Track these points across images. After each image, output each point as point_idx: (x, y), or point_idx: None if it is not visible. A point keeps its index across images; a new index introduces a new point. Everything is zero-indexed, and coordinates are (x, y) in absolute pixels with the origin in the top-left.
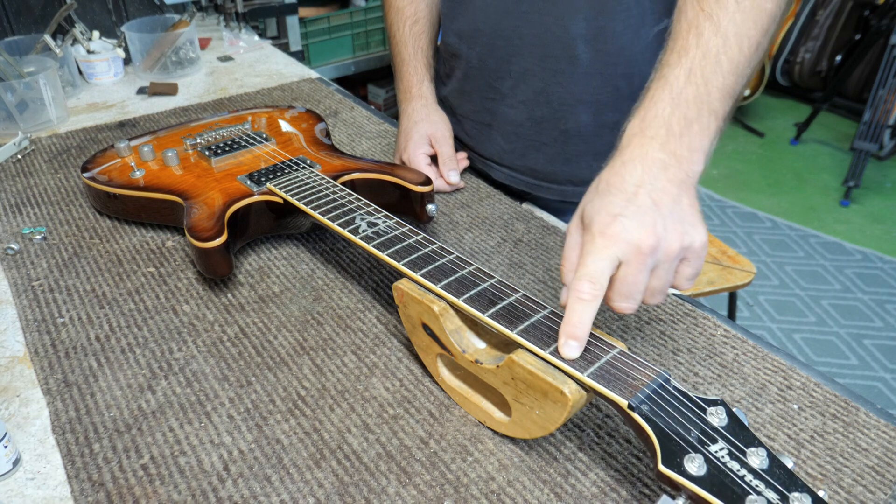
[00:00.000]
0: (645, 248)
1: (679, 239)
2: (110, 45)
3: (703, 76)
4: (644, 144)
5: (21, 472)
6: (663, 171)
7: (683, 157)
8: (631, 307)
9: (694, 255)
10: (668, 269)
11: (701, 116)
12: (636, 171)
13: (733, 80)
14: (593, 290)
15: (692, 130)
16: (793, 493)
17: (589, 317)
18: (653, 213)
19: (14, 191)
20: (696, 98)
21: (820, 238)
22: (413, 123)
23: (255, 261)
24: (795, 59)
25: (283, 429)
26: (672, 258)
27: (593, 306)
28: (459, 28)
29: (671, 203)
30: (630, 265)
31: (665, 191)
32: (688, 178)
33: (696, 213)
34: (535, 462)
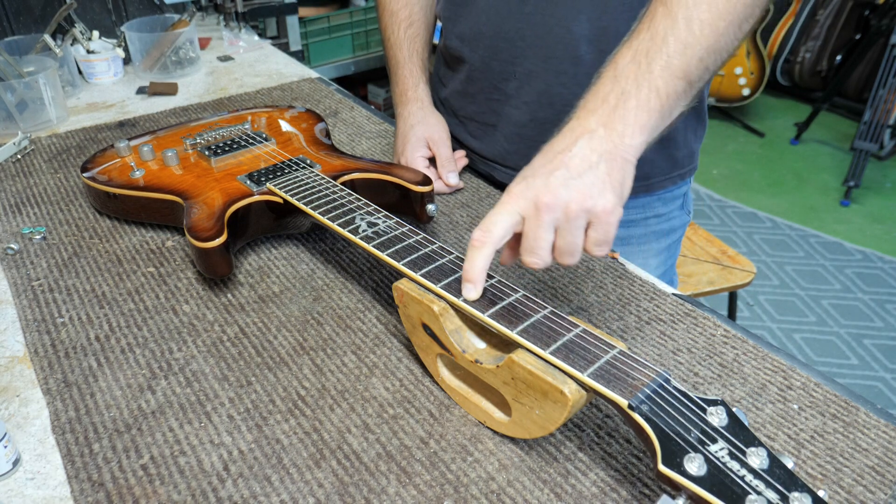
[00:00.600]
0: (541, 205)
1: (580, 201)
2: (110, 44)
3: (648, 56)
4: (581, 117)
5: (21, 472)
6: (588, 140)
7: (615, 130)
8: (537, 263)
9: (597, 220)
10: (569, 229)
11: (640, 92)
12: (565, 140)
13: (681, 61)
14: (483, 237)
15: (628, 105)
16: (793, 493)
17: (479, 261)
18: (560, 174)
19: (14, 191)
20: (636, 75)
21: (820, 238)
22: (410, 127)
23: (255, 261)
24: (795, 58)
25: (283, 429)
26: (571, 219)
27: (483, 252)
28: (461, 31)
29: (585, 168)
30: (529, 221)
31: (583, 157)
32: (615, 149)
33: (612, 181)
34: (535, 462)
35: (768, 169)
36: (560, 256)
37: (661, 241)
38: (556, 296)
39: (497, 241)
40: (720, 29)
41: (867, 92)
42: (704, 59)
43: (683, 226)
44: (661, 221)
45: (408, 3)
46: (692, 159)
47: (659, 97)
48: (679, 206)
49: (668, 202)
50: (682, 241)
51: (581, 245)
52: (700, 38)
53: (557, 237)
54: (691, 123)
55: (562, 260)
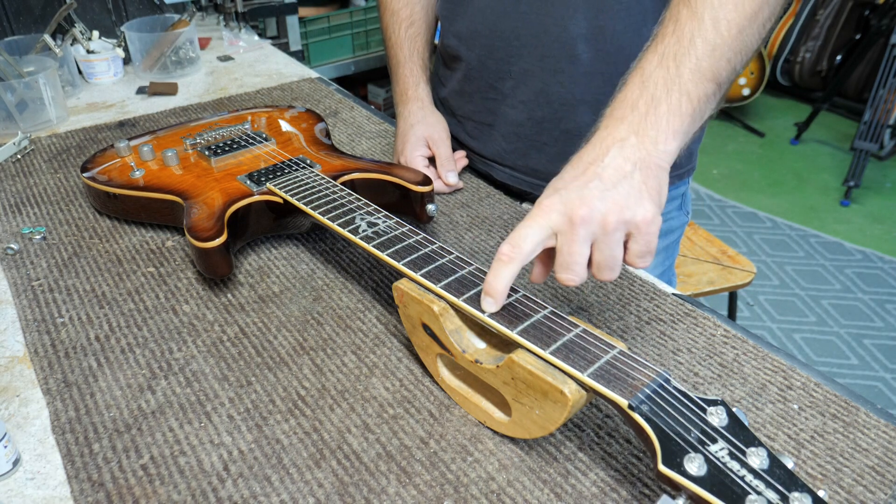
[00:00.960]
0: (576, 219)
1: (617, 212)
2: (110, 44)
3: (676, 59)
4: (610, 126)
5: (21, 472)
6: (620, 149)
7: (647, 136)
8: (573, 279)
9: (637, 231)
10: (608, 242)
11: (670, 97)
12: (595, 149)
13: (710, 63)
14: (511, 252)
15: (659, 110)
16: (793, 493)
17: (504, 276)
18: (594, 186)
19: (14, 191)
20: (665, 79)
21: (820, 238)
22: (409, 126)
23: (255, 261)
24: (796, 58)
25: (283, 429)
26: (610, 231)
27: (510, 267)
28: (458, 30)
29: (619, 178)
30: (564, 235)
31: (616, 167)
32: (648, 157)
33: (649, 190)
34: (535, 462)
35: (768, 169)
36: (599, 272)
37: (659, 242)
38: (556, 296)
39: (526, 257)
40: (746, 29)
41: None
42: (732, 59)
43: (682, 226)
44: None
45: (409, 3)
46: (690, 159)
47: (690, 101)
48: (677, 207)
49: (667, 203)
50: (680, 241)
51: (621, 258)
52: (727, 38)
53: (595, 251)
54: None
55: (601, 275)
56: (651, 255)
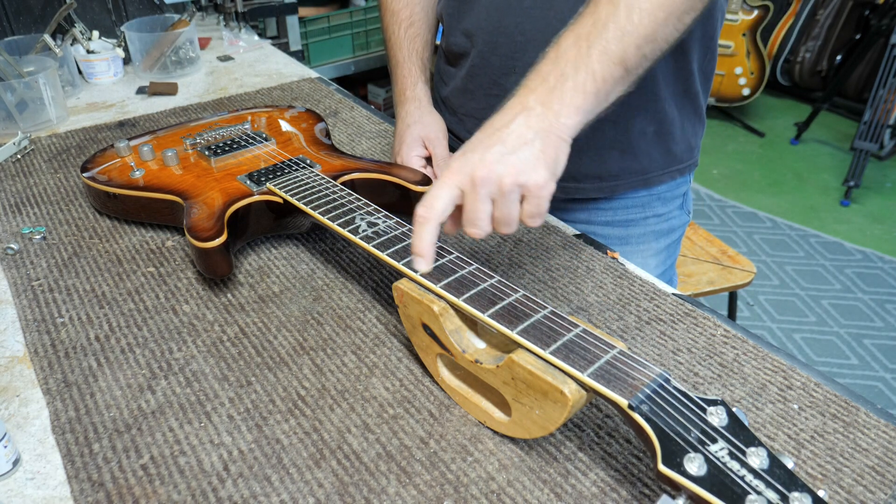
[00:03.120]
0: (477, 179)
1: (513, 175)
2: (110, 44)
3: (588, 40)
4: (521, 95)
5: (21, 472)
6: (526, 118)
7: (552, 109)
8: (477, 233)
9: (530, 194)
10: (504, 202)
11: (578, 74)
12: (504, 117)
13: (618, 47)
14: (425, 212)
15: (565, 86)
16: (793, 493)
17: (427, 237)
18: (496, 150)
19: (14, 191)
20: (576, 58)
21: (820, 238)
22: (406, 126)
23: (255, 261)
24: (796, 58)
25: (283, 429)
26: (505, 192)
27: (427, 227)
28: (465, 27)
29: (520, 144)
30: (468, 195)
31: (519, 134)
32: (550, 128)
33: (546, 158)
34: (535, 462)
35: (768, 169)
36: (497, 226)
37: (660, 241)
38: (556, 296)
39: (440, 216)
40: (659, 19)
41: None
42: (642, 47)
43: (683, 226)
44: (660, 221)
45: (409, 3)
46: (691, 154)
47: (595, 81)
48: (679, 206)
49: (668, 202)
50: (681, 241)
51: (517, 216)
52: (638, 26)
53: (495, 209)
54: (688, 117)
55: (499, 229)
56: (541, 217)
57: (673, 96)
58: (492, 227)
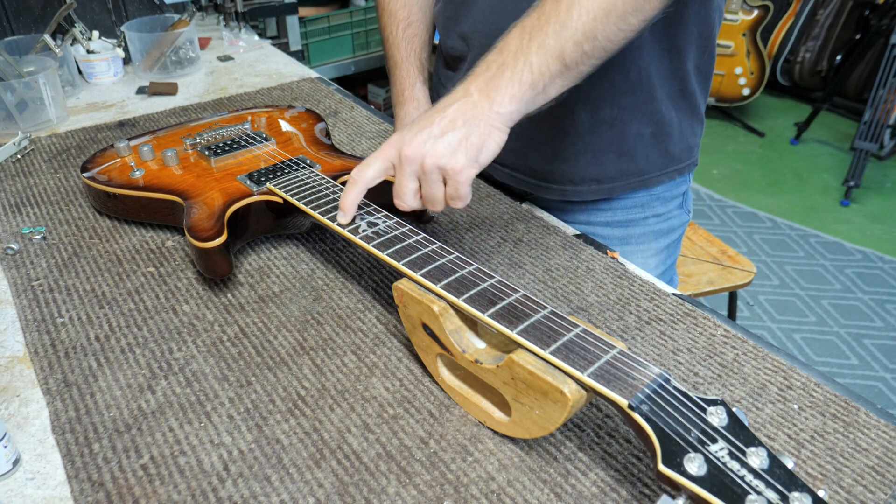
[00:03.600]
0: (403, 156)
1: (434, 158)
2: (110, 44)
3: (530, 34)
4: (467, 81)
5: (21, 472)
6: (462, 104)
7: (488, 97)
8: (402, 205)
9: (449, 178)
10: (427, 181)
11: (516, 64)
12: (447, 100)
13: (557, 42)
14: (356, 176)
15: (504, 75)
16: (793, 493)
17: (352, 196)
18: (426, 132)
19: (14, 191)
20: (517, 49)
21: (820, 238)
22: None
23: (255, 261)
24: (796, 58)
25: (283, 429)
26: (427, 172)
27: (355, 189)
28: (463, 30)
29: (448, 129)
30: (396, 169)
31: (451, 119)
32: (482, 115)
33: (469, 145)
34: (535, 462)
35: (768, 169)
36: (425, 202)
37: (660, 241)
38: (556, 296)
39: (368, 182)
40: (599, 17)
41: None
42: (581, 43)
43: (683, 225)
44: (660, 221)
45: (406, 4)
46: (690, 154)
47: (531, 72)
48: (678, 206)
49: (668, 201)
50: (682, 240)
51: (440, 196)
52: (577, 22)
53: (421, 186)
54: (685, 117)
55: (427, 205)
56: (461, 200)
57: (669, 97)
58: (419, 203)
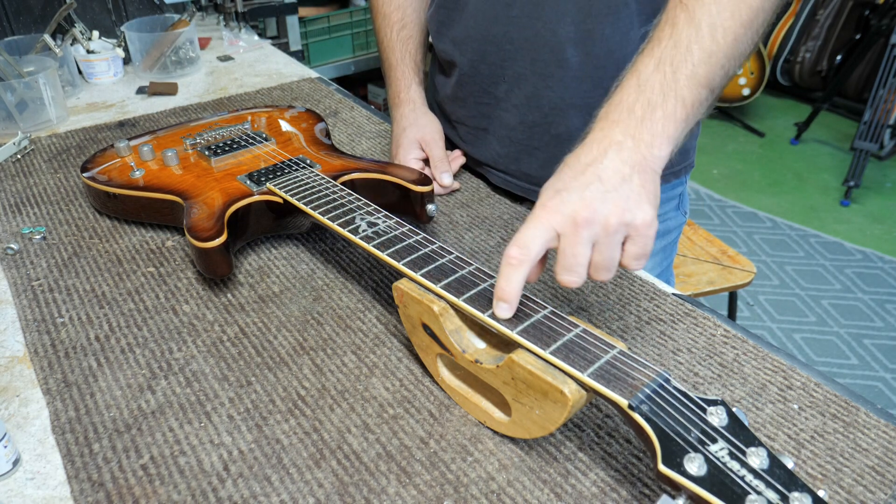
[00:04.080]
0: (580, 220)
1: (619, 215)
2: (110, 44)
3: (672, 64)
4: (605, 128)
5: (21, 472)
6: (618, 152)
7: (643, 141)
8: (573, 280)
9: (636, 233)
10: (608, 244)
11: (666, 102)
12: (592, 151)
13: (706, 70)
14: (519, 254)
15: (655, 115)
16: (793, 493)
17: (516, 280)
18: (595, 188)
19: (14, 191)
20: (662, 85)
21: (820, 238)
22: (402, 129)
23: (255, 261)
24: (796, 58)
25: (283, 429)
26: (610, 233)
27: (520, 271)
28: (455, 35)
29: (619, 181)
30: (567, 237)
31: (615, 169)
32: (644, 161)
33: (647, 193)
34: (535, 462)
35: (768, 169)
36: (596, 273)
37: (656, 243)
38: (556, 296)
39: (534, 259)
40: (741, 37)
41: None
42: (726, 66)
43: (679, 226)
44: None
45: (400, 6)
46: (686, 157)
47: (685, 107)
48: (675, 207)
49: (663, 203)
50: (678, 242)
51: (618, 259)
52: (723, 45)
53: (595, 253)
54: None
55: (598, 276)
56: (646, 258)
57: None
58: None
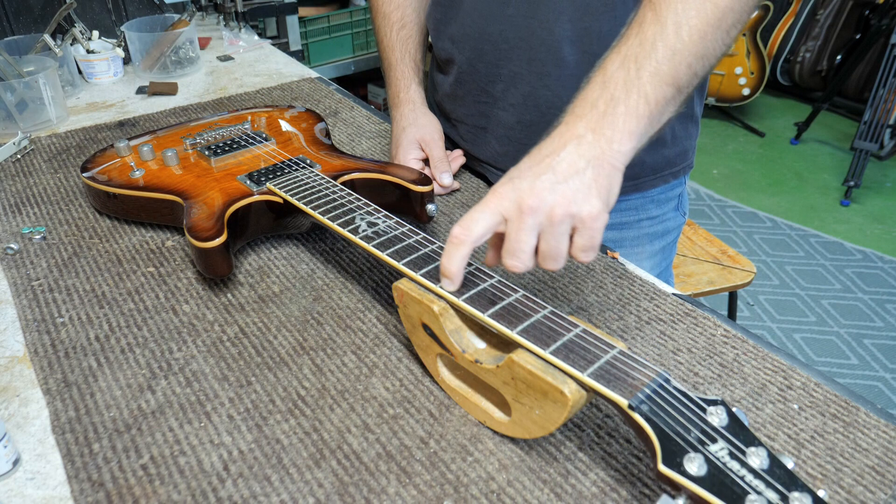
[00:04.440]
0: (525, 207)
1: (565, 206)
2: (110, 44)
3: (637, 61)
4: (570, 122)
5: (21, 472)
6: (577, 146)
7: (603, 135)
8: (517, 266)
9: (582, 226)
10: (553, 234)
11: (629, 98)
12: (553, 143)
13: (669, 67)
14: (461, 233)
15: (617, 111)
16: (793, 493)
17: (457, 257)
18: (546, 178)
19: (14, 191)
20: (625, 81)
21: (820, 238)
22: (402, 129)
23: (255, 261)
24: (796, 58)
25: (283, 429)
26: (555, 223)
27: (461, 249)
28: (452, 33)
29: (571, 173)
30: (512, 223)
31: (570, 162)
32: (602, 156)
33: (598, 188)
34: (535, 462)
35: (768, 169)
36: (543, 261)
37: (654, 244)
38: (556, 296)
39: (476, 240)
40: (708, 35)
41: (867, 92)
42: (693, 65)
43: (678, 227)
44: (654, 223)
45: (400, 6)
46: (685, 157)
47: (648, 103)
48: (674, 208)
49: (662, 204)
50: (677, 242)
51: (565, 250)
52: (689, 44)
53: (541, 241)
54: (680, 121)
55: (545, 265)
56: (594, 251)
57: None
58: (535, 262)
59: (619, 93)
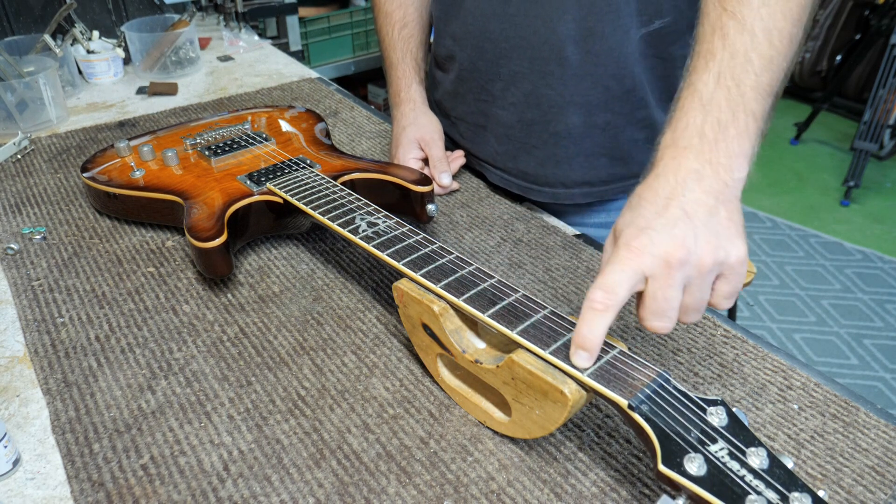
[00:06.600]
0: (673, 262)
1: (712, 253)
2: (110, 44)
3: (734, 77)
4: (677, 156)
5: (21, 472)
6: (698, 182)
7: (721, 165)
8: (665, 326)
9: (730, 271)
10: (701, 285)
11: (737, 119)
12: (668, 182)
13: (768, 77)
14: (605, 299)
15: (728, 135)
16: (793, 493)
17: (599, 327)
18: (684, 225)
19: (14, 191)
20: (728, 101)
21: (820, 238)
22: (402, 129)
23: (255, 261)
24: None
25: (283, 429)
26: (704, 273)
27: (605, 317)
28: (453, 31)
29: (706, 215)
30: (658, 280)
31: (699, 202)
32: (726, 188)
33: (735, 226)
34: (535, 462)
35: (768, 169)
36: (685, 315)
37: None
38: (556, 296)
39: (620, 304)
40: (795, 35)
41: (867, 92)
42: (786, 69)
43: None
44: None
45: (402, 5)
46: None
47: (756, 120)
48: None
49: None
50: None
51: (707, 300)
52: (780, 49)
53: (686, 295)
54: None
55: (686, 319)
56: (736, 296)
57: (661, 102)
58: None
59: (724, 115)
